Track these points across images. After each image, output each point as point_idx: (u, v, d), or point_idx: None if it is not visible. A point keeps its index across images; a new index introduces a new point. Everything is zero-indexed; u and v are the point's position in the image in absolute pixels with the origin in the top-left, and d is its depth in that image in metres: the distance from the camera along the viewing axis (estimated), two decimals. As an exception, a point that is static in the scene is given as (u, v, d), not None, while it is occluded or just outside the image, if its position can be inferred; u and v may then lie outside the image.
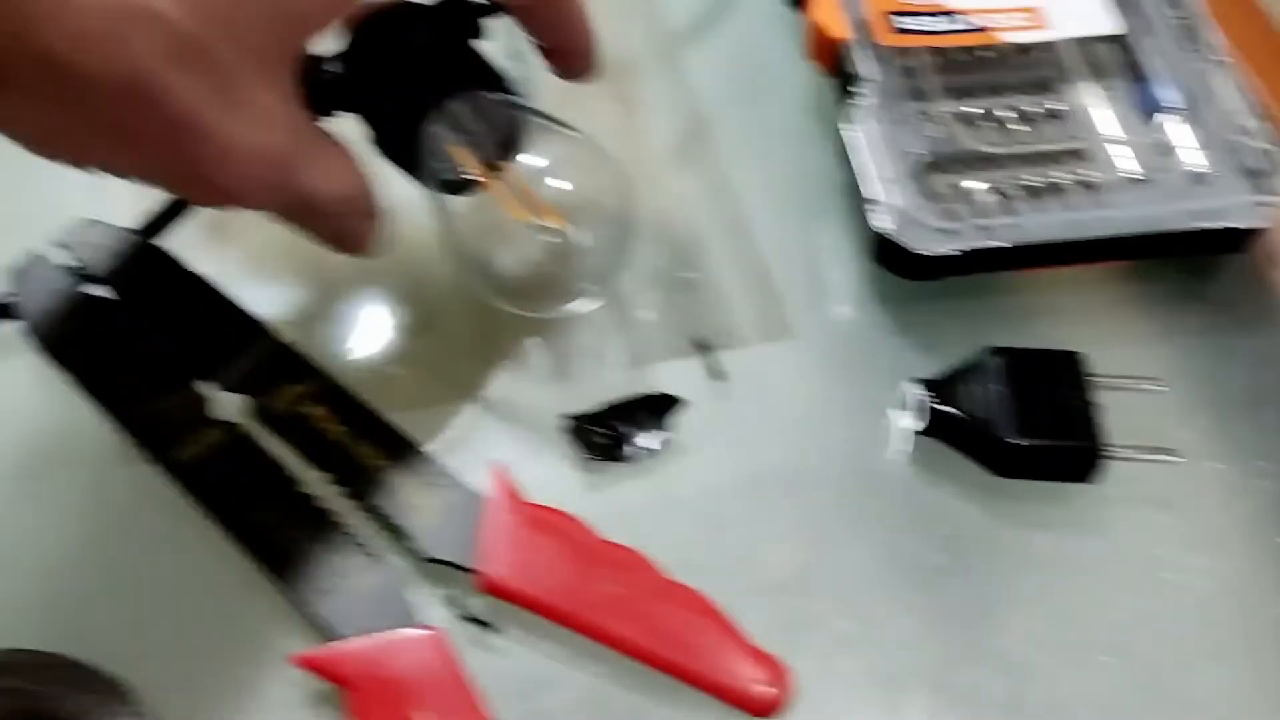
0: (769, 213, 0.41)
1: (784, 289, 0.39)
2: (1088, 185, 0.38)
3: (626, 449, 0.34)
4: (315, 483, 0.32)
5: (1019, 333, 0.37)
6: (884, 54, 0.40)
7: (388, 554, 0.31)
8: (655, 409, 0.34)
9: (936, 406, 0.34)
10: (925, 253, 0.36)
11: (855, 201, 0.40)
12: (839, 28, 0.40)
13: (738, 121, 0.43)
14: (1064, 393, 0.34)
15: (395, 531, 0.31)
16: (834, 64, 0.41)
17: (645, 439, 0.34)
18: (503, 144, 0.33)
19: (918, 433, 0.35)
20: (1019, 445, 0.33)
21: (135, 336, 0.33)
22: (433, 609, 0.31)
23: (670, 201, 0.40)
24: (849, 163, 0.39)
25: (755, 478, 0.34)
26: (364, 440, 0.32)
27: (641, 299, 0.38)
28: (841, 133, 0.38)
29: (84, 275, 0.34)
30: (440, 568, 0.31)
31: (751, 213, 0.40)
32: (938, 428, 0.34)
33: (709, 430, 0.35)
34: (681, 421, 0.35)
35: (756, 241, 0.40)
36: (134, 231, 0.35)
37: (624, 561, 0.31)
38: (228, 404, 0.33)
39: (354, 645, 0.29)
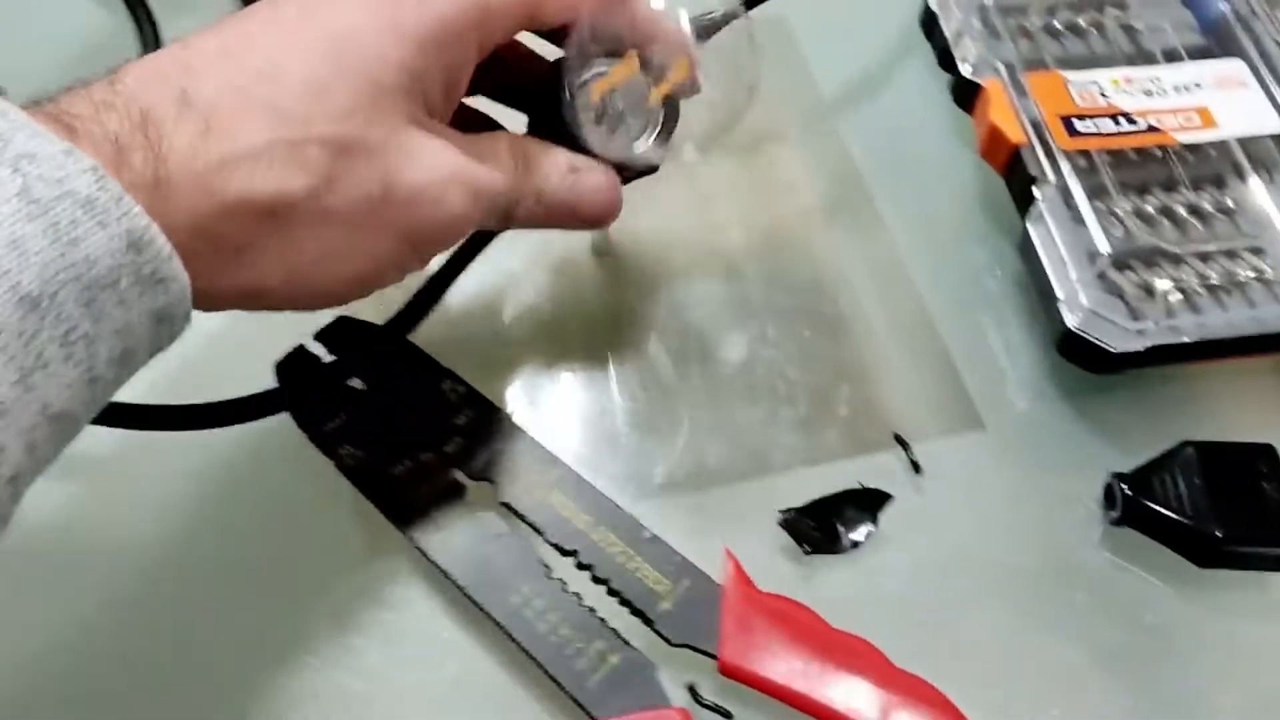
0: (945, 303, 0.43)
1: (967, 380, 0.41)
2: (1265, 280, 0.40)
3: (840, 542, 0.36)
4: (564, 567, 0.34)
5: (1201, 421, 0.39)
6: (1061, 156, 0.42)
7: (635, 637, 0.33)
8: (863, 503, 0.37)
9: (1134, 498, 0.36)
10: (1114, 349, 0.38)
11: (1032, 294, 0.42)
12: (1015, 132, 0.42)
13: (905, 211, 0.45)
14: (1262, 485, 0.36)
15: (640, 616, 0.34)
16: (1008, 164, 0.43)
17: (854, 532, 0.36)
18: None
19: (1113, 523, 0.37)
20: (1221, 538, 0.35)
21: (391, 426, 0.36)
22: (678, 690, 0.33)
23: (843, 289, 0.43)
24: (1026, 257, 0.41)
25: (955, 566, 0.37)
26: (604, 527, 0.35)
27: (833, 393, 0.40)
28: (1028, 230, 0.41)
29: (341, 368, 0.37)
30: (683, 650, 0.33)
31: (928, 302, 0.43)
32: (1135, 519, 0.36)
33: (907, 521, 0.37)
34: (886, 513, 0.37)
35: (937, 332, 0.42)
36: (384, 327, 0.38)
37: (856, 650, 0.33)
38: (478, 491, 0.35)
39: (612, 724, 0.32)
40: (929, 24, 0.48)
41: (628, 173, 0.36)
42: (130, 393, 0.28)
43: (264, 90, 0.28)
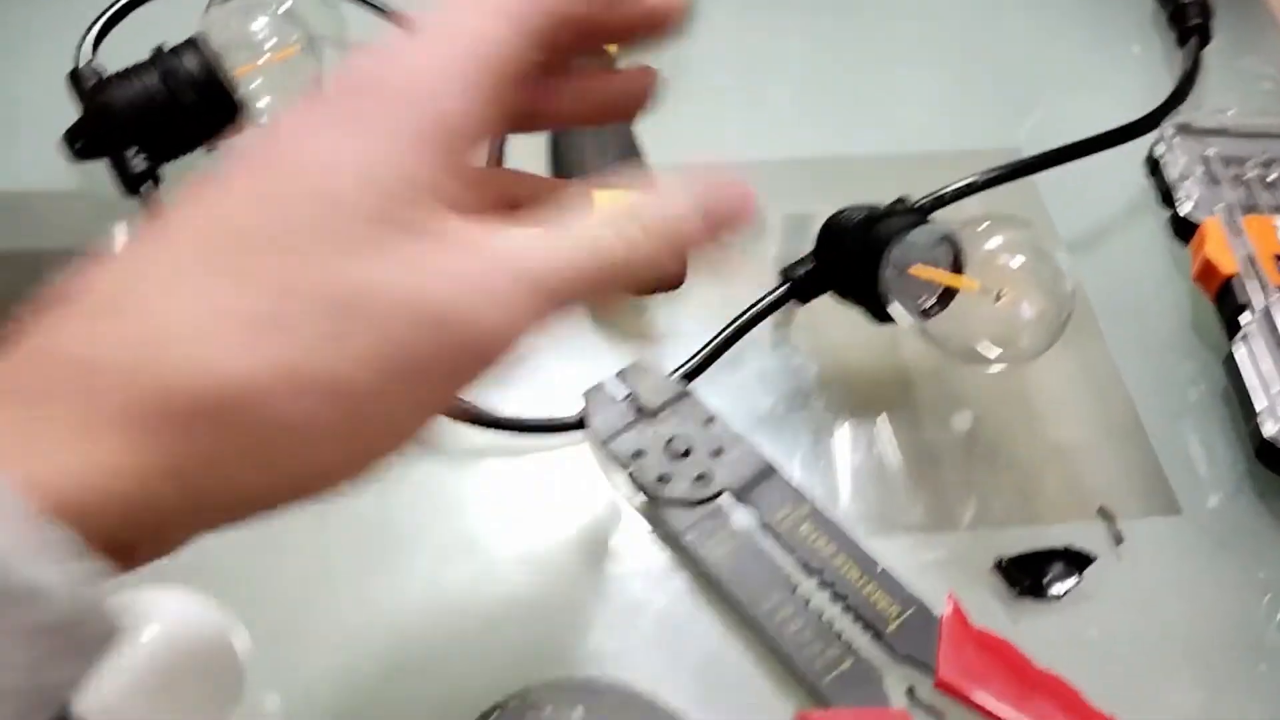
0: (1153, 406, 0.48)
1: (1168, 472, 0.46)
2: None
3: (1047, 590, 0.42)
4: (808, 585, 0.41)
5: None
6: (1270, 289, 0.47)
7: (864, 648, 0.40)
8: (1069, 561, 0.42)
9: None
10: (1306, 459, 0.43)
11: (1234, 406, 0.47)
12: (1228, 264, 0.48)
13: (1122, 326, 0.51)
14: None
15: (871, 631, 0.40)
16: (1220, 292, 0.49)
17: (1059, 585, 0.42)
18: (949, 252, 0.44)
19: (1297, 610, 0.42)
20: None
21: (672, 453, 0.44)
22: (898, 697, 0.39)
23: (1065, 386, 0.49)
24: (1231, 373, 0.46)
25: (1148, 628, 0.42)
26: (843, 555, 0.42)
27: (1049, 466, 0.46)
28: (1234, 350, 0.46)
29: (633, 400, 0.45)
30: (904, 665, 0.40)
31: (1138, 404, 0.48)
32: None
33: (1107, 583, 0.42)
34: (1087, 573, 0.43)
35: (1143, 429, 0.48)
36: (670, 375, 0.46)
37: (1055, 687, 0.39)
38: (741, 514, 0.43)
39: (845, 713, 0.38)
40: (1153, 166, 0.55)
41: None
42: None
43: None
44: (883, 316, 0.46)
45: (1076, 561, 0.42)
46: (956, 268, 0.44)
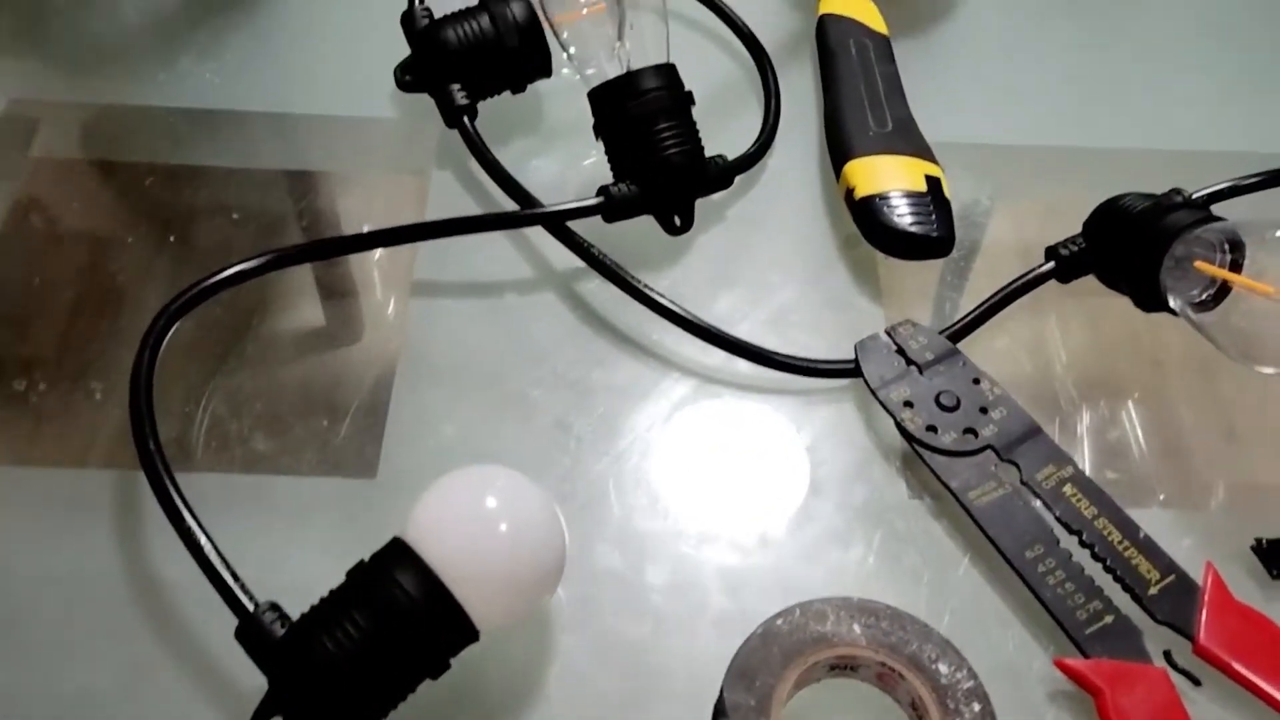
0: None
1: None
2: None
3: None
4: (1068, 543, 0.43)
5: None
6: None
7: (1124, 606, 0.41)
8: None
9: None
10: None
11: None
12: None
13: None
14: None
15: (1131, 593, 0.41)
16: None
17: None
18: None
19: None
20: None
21: (941, 406, 0.46)
22: (1153, 657, 0.40)
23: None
24: None
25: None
26: (1105, 519, 0.43)
27: None
28: None
29: (903, 354, 0.47)
30: (1163, 629, 0.41)
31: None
32: None
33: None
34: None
35: None
36: (940, 333, 0.48)
37: (1322, 669, 0.39)
38: (1003, 470, 0.44)
39: (1104, 664, 0.39)
40: None
41: None
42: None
43: None
44: (1149, 305, 0.47)
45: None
46: (1235, 267, 0.45)
